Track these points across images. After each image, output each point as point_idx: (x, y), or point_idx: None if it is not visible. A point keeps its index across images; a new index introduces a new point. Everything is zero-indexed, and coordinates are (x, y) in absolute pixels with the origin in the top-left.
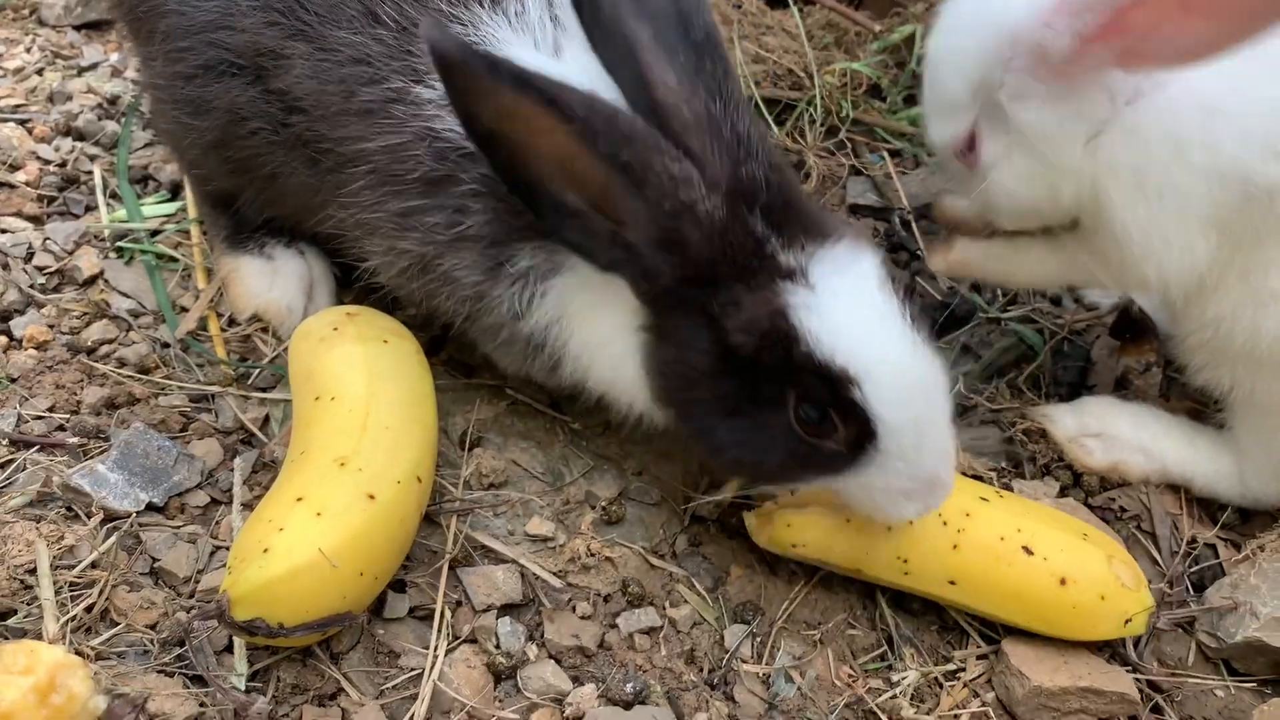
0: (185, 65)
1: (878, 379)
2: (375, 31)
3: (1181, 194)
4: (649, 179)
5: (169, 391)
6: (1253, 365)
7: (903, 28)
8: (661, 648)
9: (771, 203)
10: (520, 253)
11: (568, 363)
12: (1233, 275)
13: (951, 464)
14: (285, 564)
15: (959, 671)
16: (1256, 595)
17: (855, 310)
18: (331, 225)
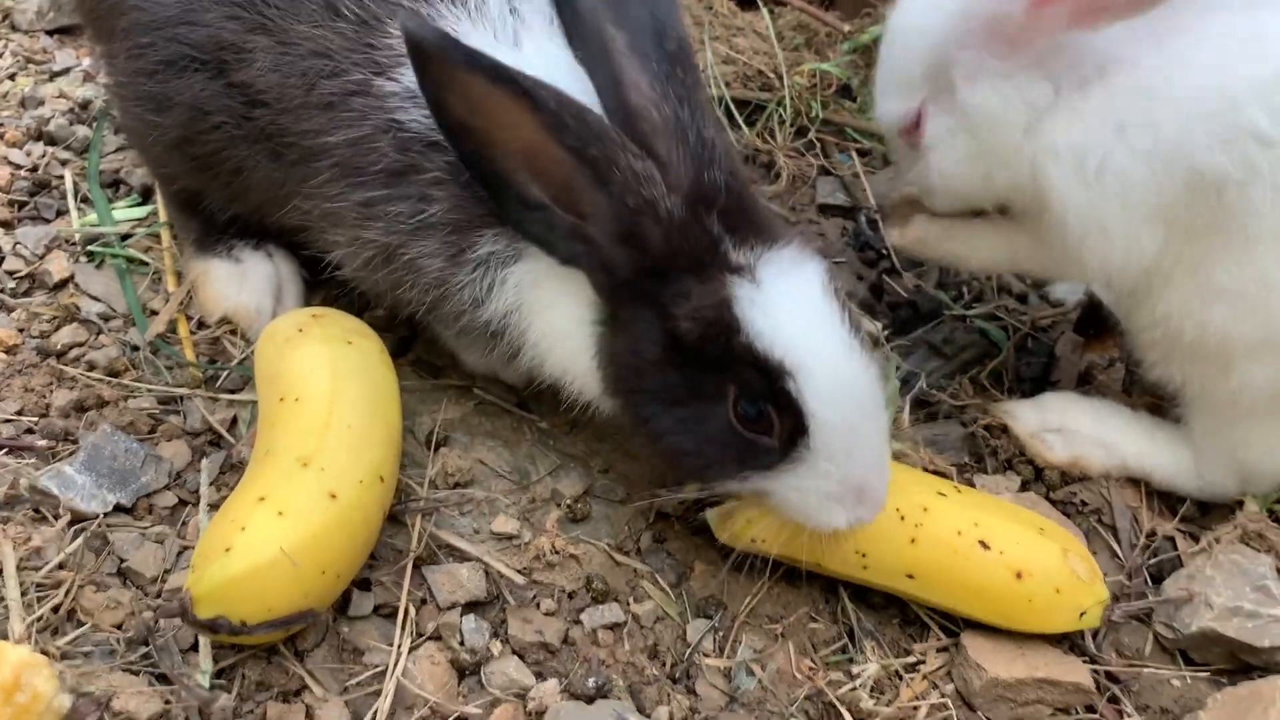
0: (146, 61)
1: (813, 374)
2: (336, 25)
3: (1122, 179)
4: (613, 175)
5: (138, 394)
6: (1200, 361)
7: (873, 28)
8: (625, 643)
9: (729, 207)
10: (482, 239)
11: (526, 351)
12: (1181, 270)
13: (884, 478)
14: (246, 562)
15: (919, 664)
16: (1211, 586)
17: (797, 308)
18: (297, 218)
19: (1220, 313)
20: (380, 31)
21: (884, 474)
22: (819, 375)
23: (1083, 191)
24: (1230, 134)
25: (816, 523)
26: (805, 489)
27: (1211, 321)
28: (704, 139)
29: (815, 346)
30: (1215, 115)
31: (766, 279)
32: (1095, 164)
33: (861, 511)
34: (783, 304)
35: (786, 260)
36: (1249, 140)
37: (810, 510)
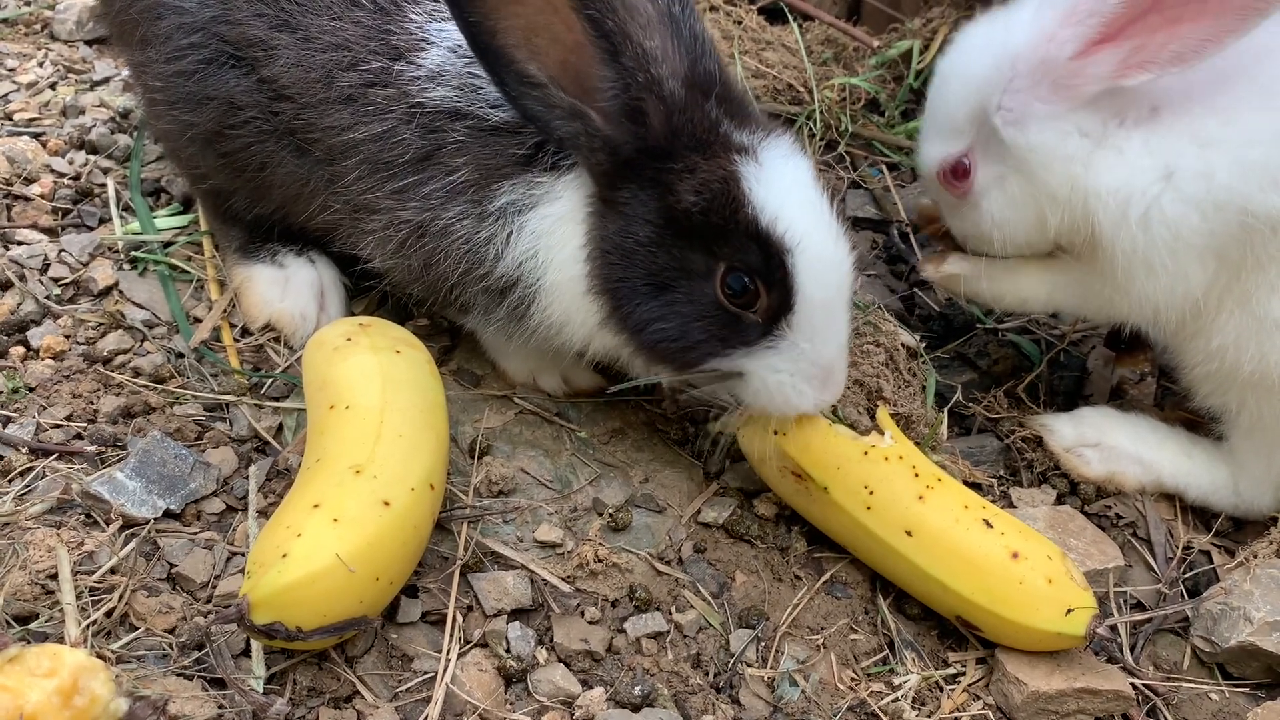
0: (188, 62)
1: (808, 252)
2: (354, 15)
3: (1171, 225)
4: (626, 49)
5: (184, 401)
6: (1261, 390)
7: (900, 43)
8: (668, 652)
9: (724, 94)
10: (500, 190)
11: (539, 300)
12: (1231, 301)
13: (845, 363)
14: (304, 569)
15: (959, 675)
16: (1250, 601)
17: (796, 189)
18: (324, 217)
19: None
20: (399, 16)
21: (846, 359)
22: (813, 255)
23: (1129, 235)
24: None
25: (786, 406)
26: (780, 368)
27: (1272, 353)
28: (695, 32)
29: (812, 227)
30: (1269, 159)
31: (768, 160)
32: (1141, 209)
33: (826, 394)
34: (785, 184)
35: (784, 147)
36: None
37: (783, 392)
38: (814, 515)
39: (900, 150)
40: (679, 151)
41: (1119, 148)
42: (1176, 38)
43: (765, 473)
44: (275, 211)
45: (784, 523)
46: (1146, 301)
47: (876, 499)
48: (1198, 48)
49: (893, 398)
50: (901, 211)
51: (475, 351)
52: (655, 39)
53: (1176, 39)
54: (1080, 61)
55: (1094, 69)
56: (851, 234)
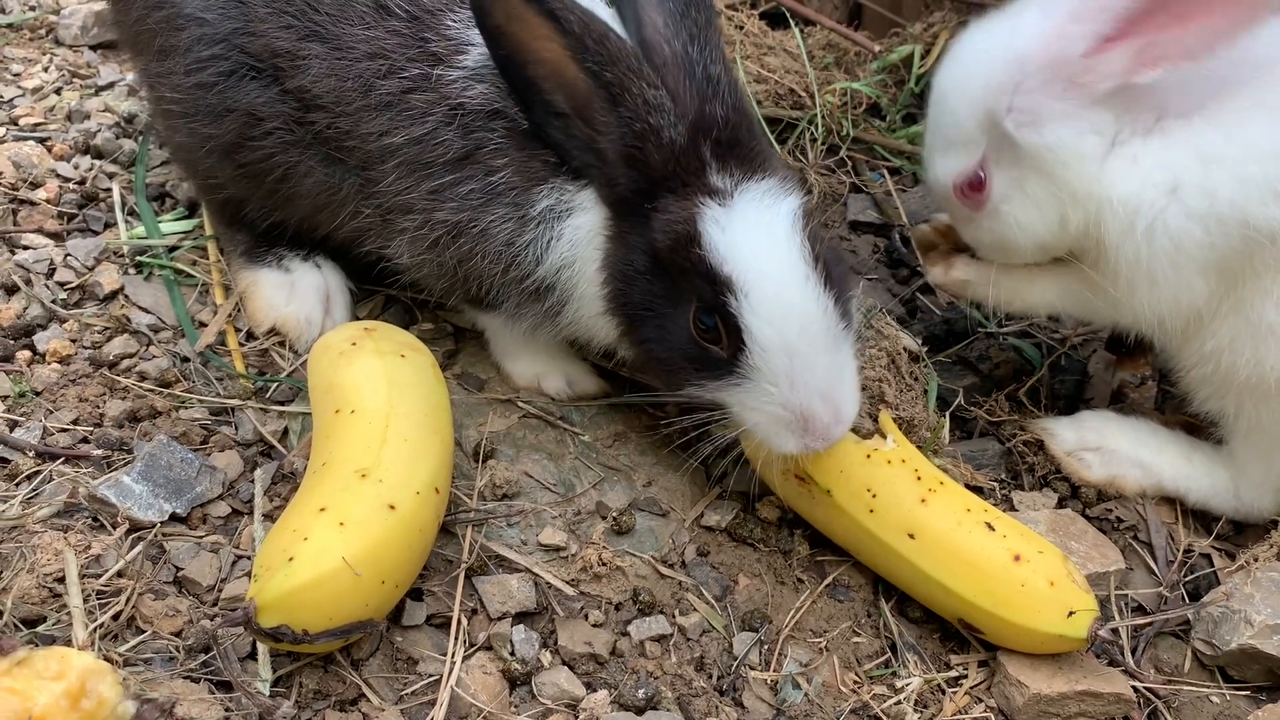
0: (208, 74)
1: (755, 294)
2: (388, 24)
3: (1175, 238)
4: (625, 99)
5: (189, 405)
6: (1258, 395)
7: (901, 48)
8: (672, 655)
9: (723, 138)
10: (539, 195)
11: (572, 304)
12: (1228, 308)
13: (833, 411)
14: (310, 572)
15: (961, 678)
16: (1250, 604)
17: (755, 233)
18: (353, 224)
19: (1276, 349)
20: (434, 23)
21: (833, 407)
22: (761, 297)
23: (1133, 246)
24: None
25: (770, 444)
26: (753, 407)
27: (1267, 357)
28: (709, 74)
29: (762, 268)
30: (1269, 173)
31: (739, 203)
32: (1147, 222)
33: (809, 440)
34: (743, 227)
35: (762, 190)
36: None
37: (763, 431)
38: (817, 518)
39: (901, 155)
40: (660, 192)
41: (1133, 156)
42: (1187, 33)
43: (768, 476)
44: (300, 221)
45: (786, 526)
46: (1149, 310)
47: (879, 502)
48: (1209, 43)
49: (895, 401)
50: (903, 215)
51: (479, 355)
52: (660, 86)
53: (1187, 35)
54: (1093, 58)
55: (1106, 65)
56: (853, 240)
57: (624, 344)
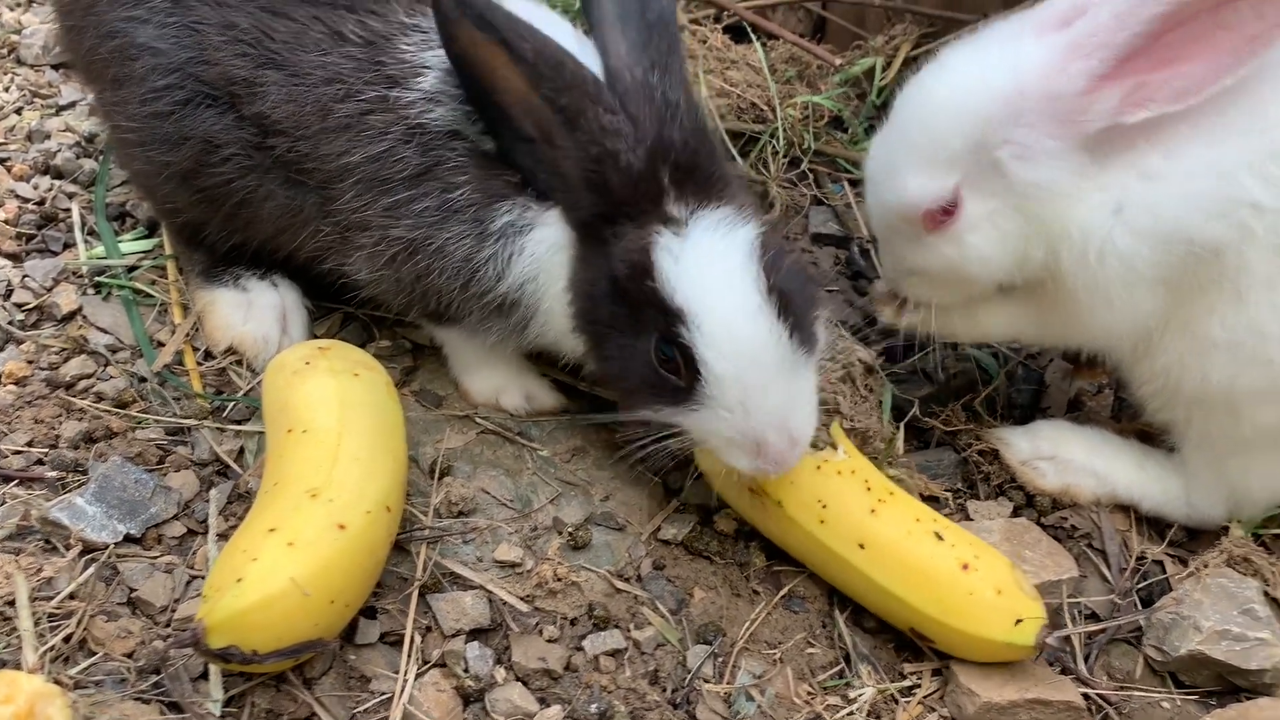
0: (164, 104)
1: (707, 326)
2: (344, 49)
3: (1123, 258)
4: (581, 125)
5: (146, 425)
6: (1205, 407)
7: (863, 60)
8: (626, 669)
9: (681, 162)
10: (499, 211)
11: (538, 319)
12: (1175, 323)
13: (786, 437)
14: (259, 593)
15: (914, 688)
16: (1200, 610)
17: (708, 263)
18: (314, 243)
19: (1220, 363)
20: (389, 47)
21: (786, 435)
22: (711, 327)
23: (1088, 271)
24: (1226, 205)
25: (727, 463)
26: (710, 431)
27: (1212, 372)
28: (669, 100)
29: (714, 300)
30: (1211, 190)
31: (692, 233)
32: (1098, 246)
33: (765, 464)
34: (695, 257)
35: (717, 219)
36: (1244, 209)
37: (719, 451)
38: (770, 530)
39: (861, 166)
40: (619, 219)
41: (1088, 186)
42: (1177, 76)
43: (722, 488)
44: (261, 244)
45: (743, 539)
46: (1104, 331)
47: (830, 513)
48: (1197, 86)
49: (849, 413)
50: (863, 227)
51: (438, 372)
52: (618, 111)
53: (1177, 77)
54: (1088, 97)
55: (1100, 105)
56: (814, 252)
57: (589, 360)
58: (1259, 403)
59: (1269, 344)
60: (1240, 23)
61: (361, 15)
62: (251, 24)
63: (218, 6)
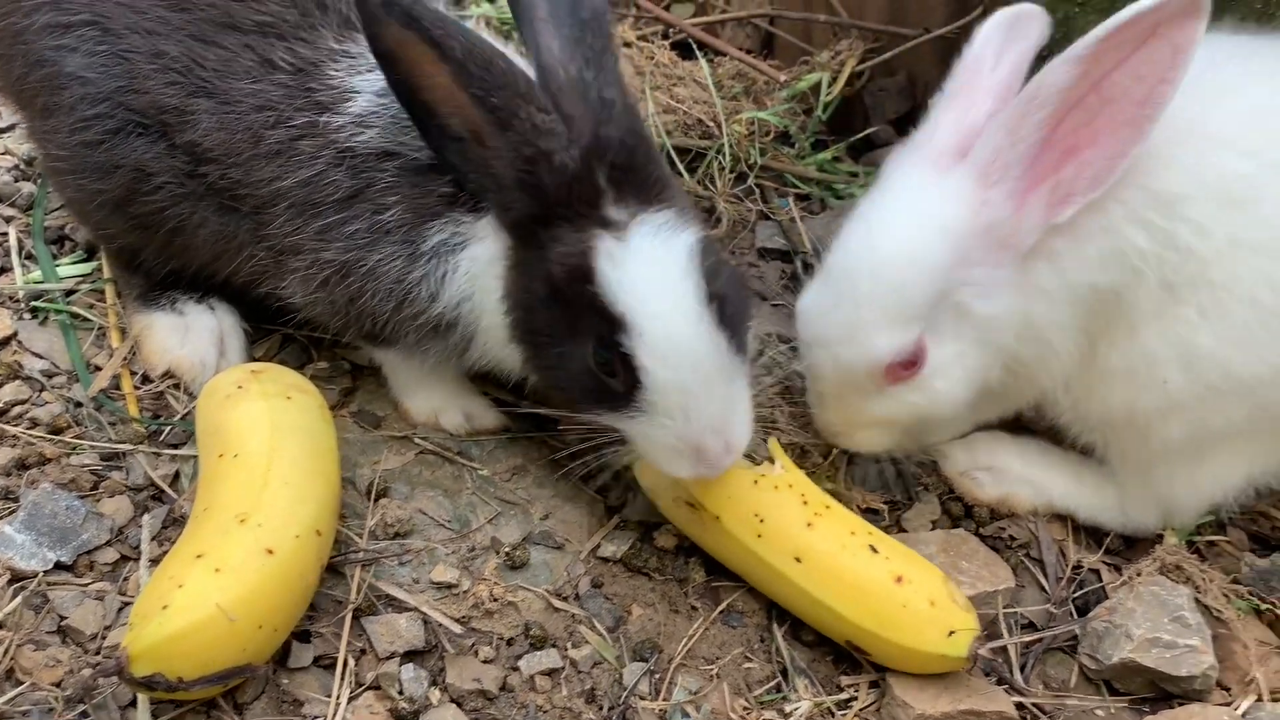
0: (93, 133)
1: (648, 333)
2: (274, 77)
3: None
4: (513, 124)
5: (80, 451)
6: (1113, 430)
7: (809, 75)
8: (562, 688)
9: (619, 163)
10: (431, 230)
11: (479, 338)
12: (1085, 360)
13: (724, 441)
14: (184, 620)
15: (851, 700)
16: (1132, 618)
17: (650, 269)
18: (249, 268)
19: (1119, 389)
20: (319, 75)
21: (724, 437)
22: (652, 335)
23: (1031, 351)
24: (1116, 256)
25: (664, 469)
26: (649, 437)
27: (1111, 398)
28: (604, 99)
29: (655, 307)
30: (1103, 246)
31: (633, 238)
32: (1030, 324)
33: (703, 467)
34: (636, 263)
35: (658, 223)
36: (1130, 254)
37: (658, 457)
38: (709, 544)
39: (809, 181)
40: (556, 220)
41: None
42: (1086, 164)
43: (660, 503)
44: (197, 270)
45: (683, 554)
46: (1038, 388)
47: (766, 527)
48: (1108, 165)
49: (787, 428)
50: (806, 243)
51: (376, 393)
52: (552, 110)
53: (1087, 165)
54: (1017, 217)
55: (1029, 220)
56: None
57: (529, 370)
58: (1161, 420)
59: (1161, 367)
60: (1123, 93)
61: (291, 42)
62: (181, 52)
63: (147, 35)
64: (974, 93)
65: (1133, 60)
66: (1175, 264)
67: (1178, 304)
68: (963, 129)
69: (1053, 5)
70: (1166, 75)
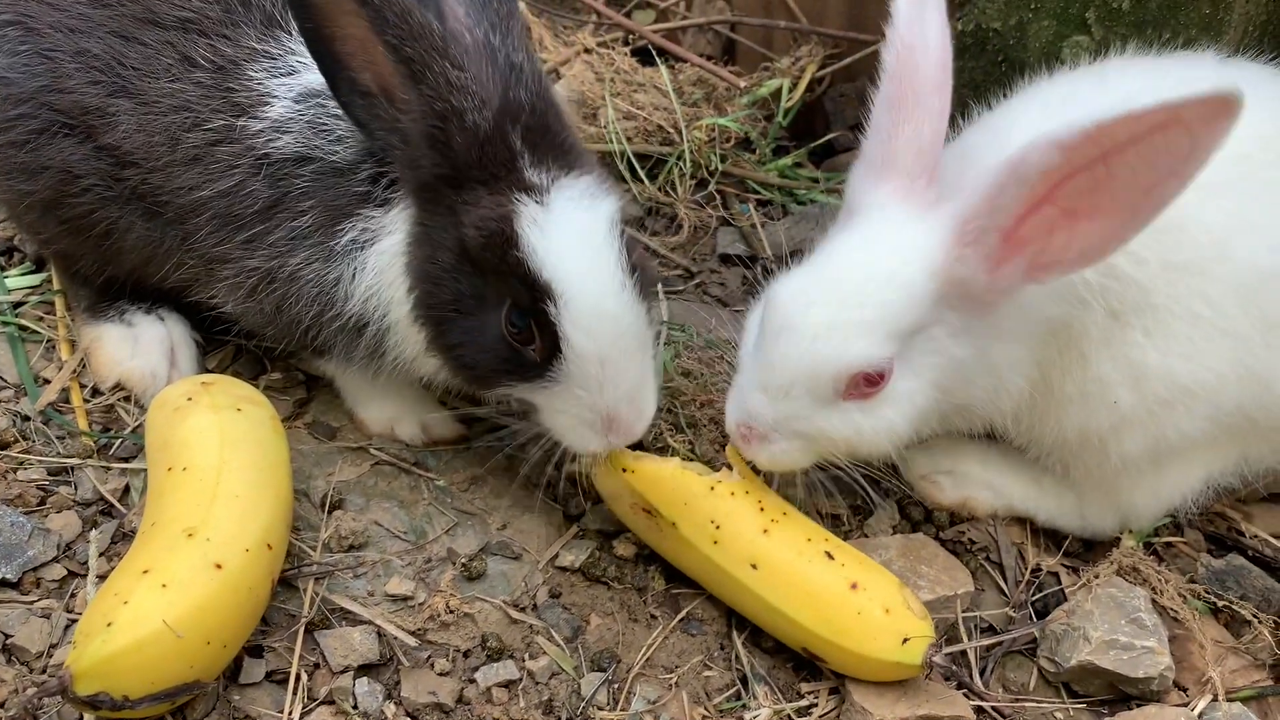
0: (17, 133)
1: (573, 302)
2: (193, 75)
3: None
4: (427, 77)
5: (27, 465)
6: (1071, 451)
7: (770, 82)
8: (520, 699)
9: (532, 125)
10: (342, 229)
11: (390, 337)
12: (1040, 388)
13: (638, 410)
14: (129, 636)
15: (811, 707)
16: (1090, 620)
17: (574, 237)
18: (179, 275)
19: (1073, 413)
20: (238, 74)
21: (638, 407)
22: (579, 304)
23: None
24: (1064, 288)
25: (574, 445)
26: (562, 410)
27: (1066, 420)
28: (512, 62)
29: (582, 277)
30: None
31: (555, 203)
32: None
33: (614, 438)
34: (561, 230)
35: (579, 190)
36: (1078, 286)
37: (568, 432)
38: (666, 551)
39: (770, 187)
40: (469, 183)
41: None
42: (1079, 237)
43: (618, 510)
44: (128, 274)
45: (642, 562)
46: (985, 420)
47: (723, 533)
48: (1101, 246)
49: None
50: (767, 248)
51: (331, 404)
52: (465, 68)
53: (1079, 239)
54: (991, 278)
55: (1004, 283)
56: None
57: (433, 352)
58: (1115, 437)
59: (1112, 389)
60: (1131, 174)
61: (213, 39)
62: (103, 50)
63: (70, 33)
64: (919, 93)
65: (1147, 143)
66: (1118, 292)
67: (1124, 329)
68: (923, 145)
69: (1007, 11)
70: (1178, 170)
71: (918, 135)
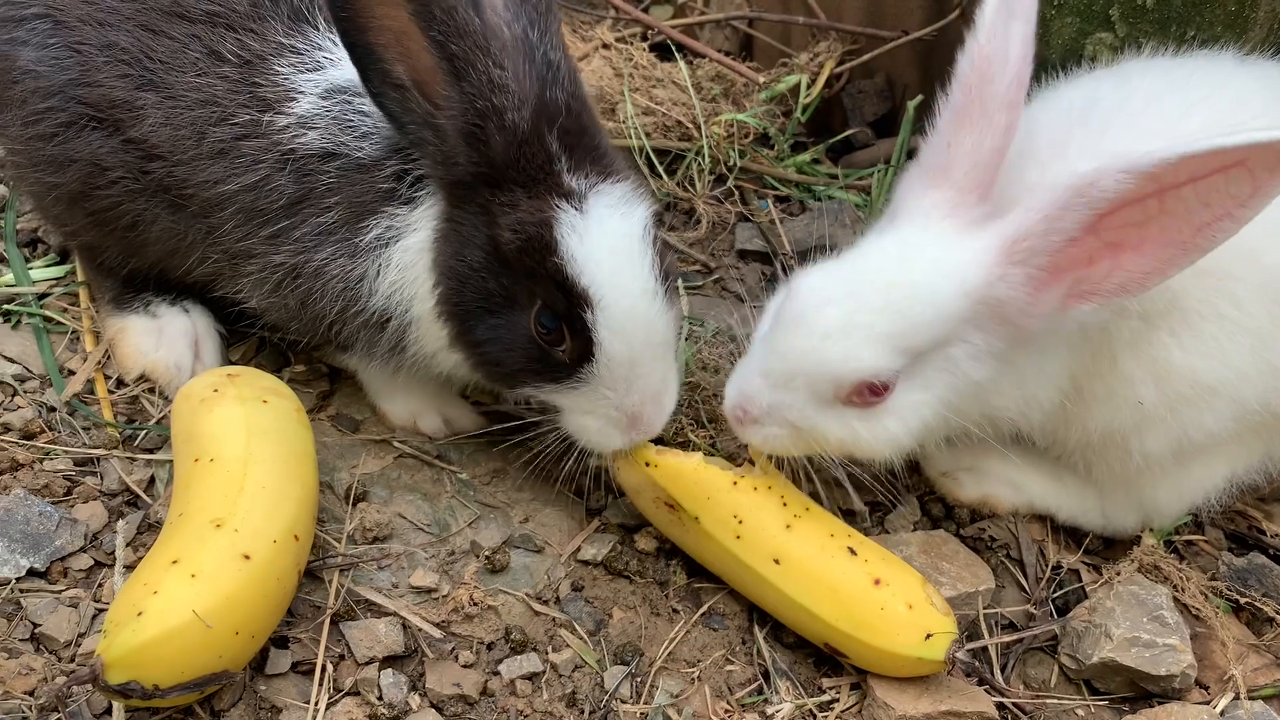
0: (45, 126)
1: (610, 309)
2: (220, 70)
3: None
4: (470, 75)
5: (54, 456)
6: (1094, 450)
7: (788, 78)
8: (543, 692)
9: (569, 127)
10: (368, 225)
11: (411, 332)
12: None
13: (660, 409)
14: (159, 626)
15: (833, 702)
16: (1111, 618)
17: (613, 244)
18: (203, 268)
19: (1096, 415)
20: (266, 70)
21: (660, 405)
22: (615, 311)
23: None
24: None
25: (597, 445)
26: (587, 411)
27: (1088, 423)
28: (550, 60)
29: (619, 284)
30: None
31: (593, 209)
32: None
33: (635, 434)
34: (600, 237)
35: (616, 196)
36: None
37: (592, 432)
38: (689, 546)
39: (789, 183)
40: (507, 183)
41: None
42: (1119, 268)
43: (640, 504)
44: (151, 266)
45: (664, 556)
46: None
47: (745, 528)
48: (1142, 279)
49: None
50: (786, 244)
51: (354, 396)
52: (505, 66)
53: (1119, 269)
54: (1030, 301)
55: (1042, 307)
56: (740, 268)
57: (457, 348)
58: (1140, 434)
59: (1136, 387)
60: (1185, 211)
61: (240, 34)
62: (131, 43)
63: (99, 26)
64: (987, 106)
65: (1206, 183)
66: (1152, 296)
67: (1151, 329)
68: (981, 159)
69: None
70: (1234, 212)
71: (977, 148)
